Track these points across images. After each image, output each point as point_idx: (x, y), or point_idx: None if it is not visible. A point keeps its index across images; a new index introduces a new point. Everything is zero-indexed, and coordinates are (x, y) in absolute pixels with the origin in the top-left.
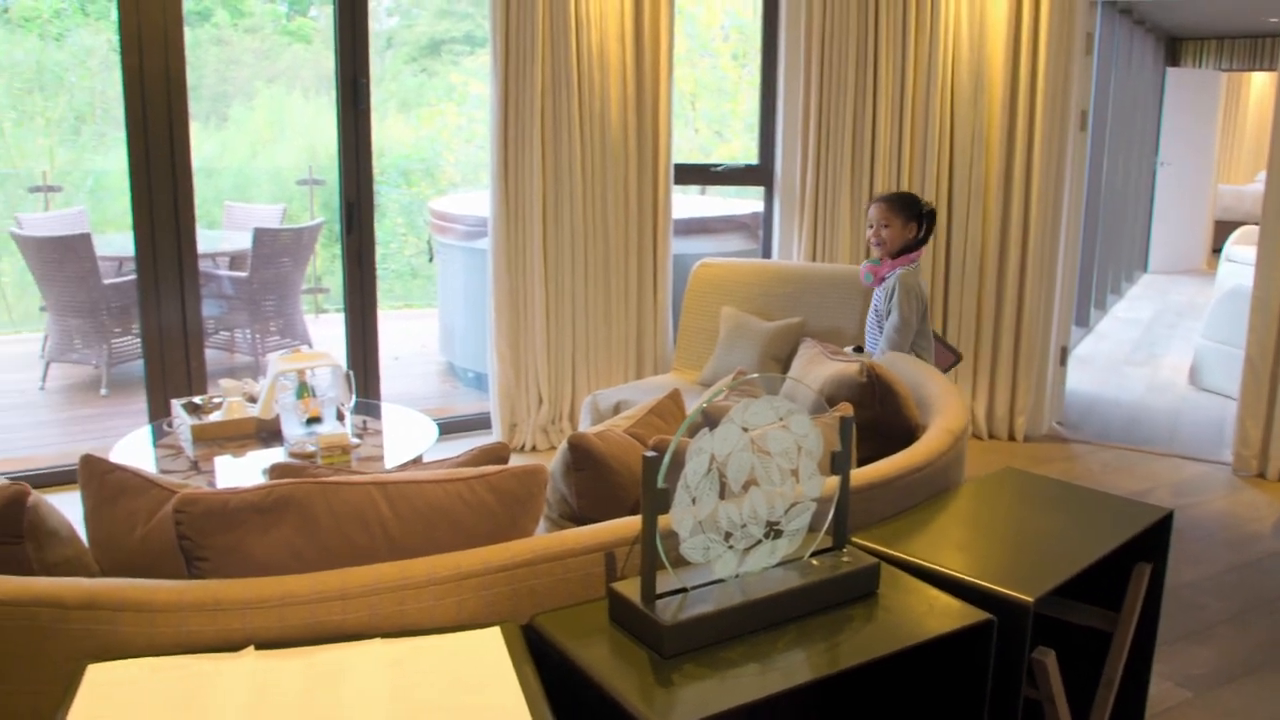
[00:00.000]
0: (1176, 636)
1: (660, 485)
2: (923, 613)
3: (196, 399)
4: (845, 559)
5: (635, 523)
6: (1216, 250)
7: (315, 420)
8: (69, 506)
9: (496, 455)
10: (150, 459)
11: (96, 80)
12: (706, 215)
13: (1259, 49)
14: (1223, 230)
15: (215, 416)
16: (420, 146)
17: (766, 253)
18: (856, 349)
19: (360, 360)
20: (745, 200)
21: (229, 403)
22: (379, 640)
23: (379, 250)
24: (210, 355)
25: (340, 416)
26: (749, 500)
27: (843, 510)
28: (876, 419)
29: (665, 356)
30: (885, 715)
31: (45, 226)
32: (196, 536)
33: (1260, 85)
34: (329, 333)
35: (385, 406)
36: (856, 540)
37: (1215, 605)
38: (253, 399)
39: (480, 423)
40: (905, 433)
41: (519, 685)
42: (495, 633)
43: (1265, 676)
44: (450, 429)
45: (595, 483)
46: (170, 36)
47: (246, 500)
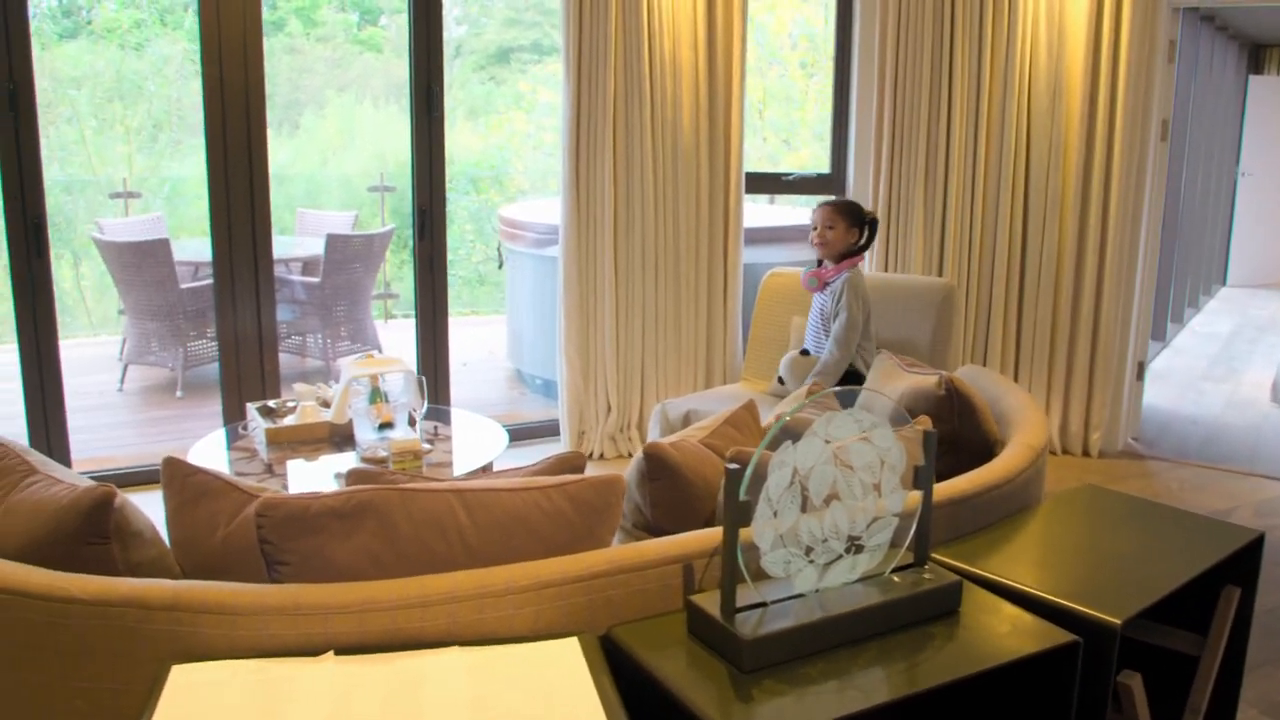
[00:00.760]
0: (1262, 661)
1: (743, 498)
2: (1006, 633)
3: (271, 403)
4: (927, 576)
5: (713, 534)
6: None
7: (387, 425)
8: (147, 507)
9: (572, 464)
10: (225, 461)
11: (173, 89)
12: (776, 224)
13: None
14: None
15: (289, 420)
16: (489, 154)
17: None
18: (803, 352)
19: (431, 366)
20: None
21: (302, 407)
22: (457, 648)
23: (447, 257)
24: (282, 359)
25: (412, 422)
26: (830, 514)
27: (925, 526)
28: (954, 433)
29: (734, 366)
30: None
31: (125, 232)
32: (278, 540)
33: None
34: (398, 338)
35: (455, 412)
36: (936, 556)
37: None
38: (326, 403)
39: (548, 430)
40: (983, 447)
41: (597, 696)
42: (573, 643)
43: None
44: (518, 436)
45: (670, 493)
46: (249, 46)
47: (327, 506)
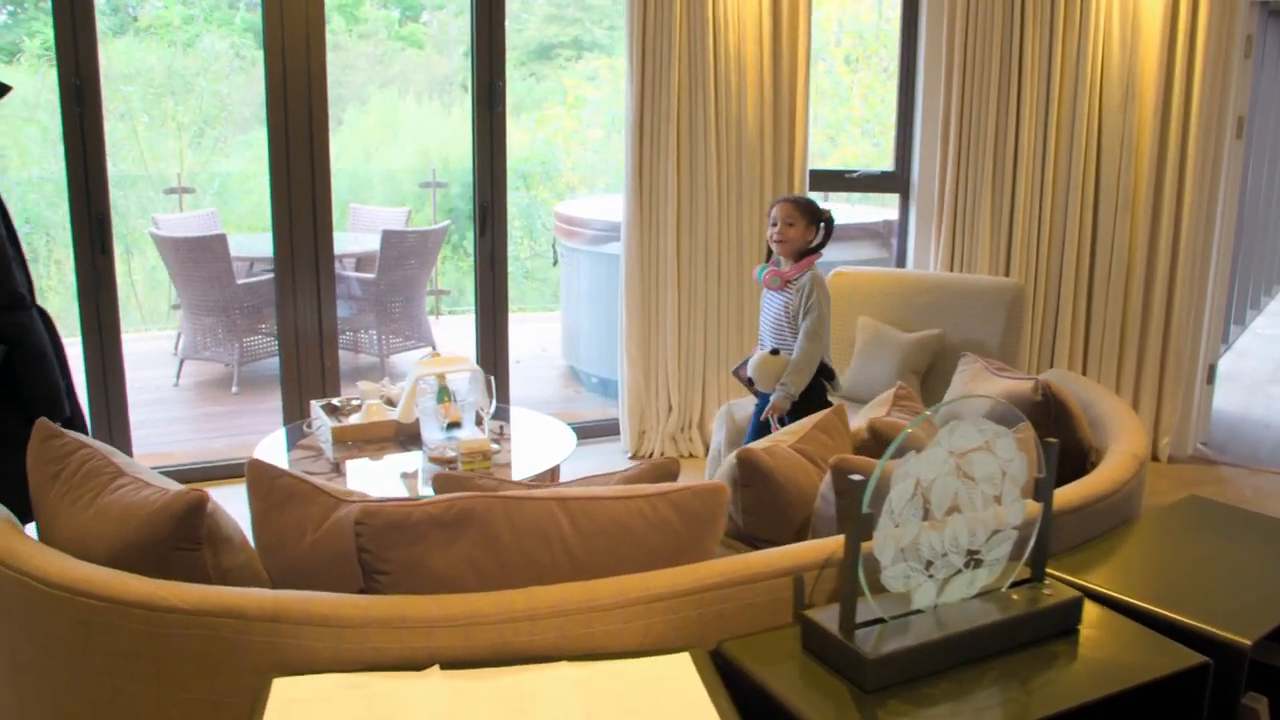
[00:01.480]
0: None
1: (865, 510)
2: (1130, 653)
3: (335, 401)
4: (1046, 592)
5: (822, 546)
6: None
7: (455, 425)
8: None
9: (667, 471)
10: (286, 460)
11: (222, 85)
12: (840, 223)
13: None
14: None
15: (354, 419)
16: (537, 150)
17: (900, 261)
18: (773, 351)
19: (490, 364)
20: (876, 207)
21: (368, 405)
22: (566, 663)
23: None
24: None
25: (479, 422)
26: (950, 527)
27: (1044, 540)
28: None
29: None
30: None
31: (182, 227)
32: (377, 549)
33: None
34: (449, 334)
35: (519, 411)
36: (1049, 571)
37: None
38: (391, 402)
39: (607, 429)
40: (1078, 456)
41: (717, 716)
42: (685, 658)
43: None
44: (576, 434)
45: (763, 499)
46: (312, 40)
47: (428, 513)
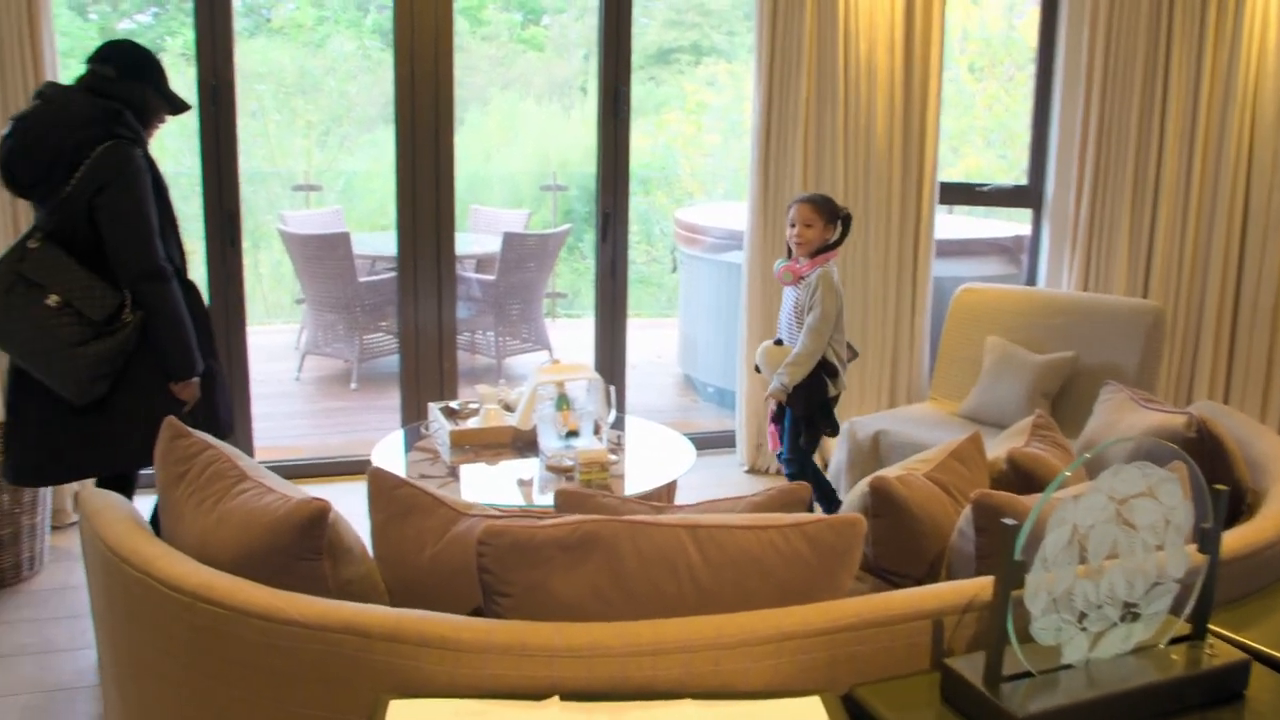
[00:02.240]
0: None
1: (1018, 557)
2: None
3: (453, 404)
4: (1208, 651)
5: (964, 588)
6: None
7: (573, 434)
8: (330, 500)
9: (798, 498)
10: (408, 462)
11: (349, 85)
12: (966, 237)
13: None
14: None
15: (472, 423)
16: (657, 155)
17: (1031, 279)
18: (777, 342)
19: (607, 370)
20: (1004, 221)
21: (486, 410)
22: (690, 701)
23: None
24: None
25: (597, 431)
26: (1108, 577)
27: (1208, 595)
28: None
29: (920, 384)
30: None
31: (308, 224)
32: (500, 571)
33: None
34: (565, 337)
35: (636, 421)
36: (1210, 627)
37: None
38: (509, 407)
39: (722, 440)
40: (1234, 498)
41: None
42: (815, 702)
43: None
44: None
45: (895, 531)
46: (440, 45)
47: (552, 536)
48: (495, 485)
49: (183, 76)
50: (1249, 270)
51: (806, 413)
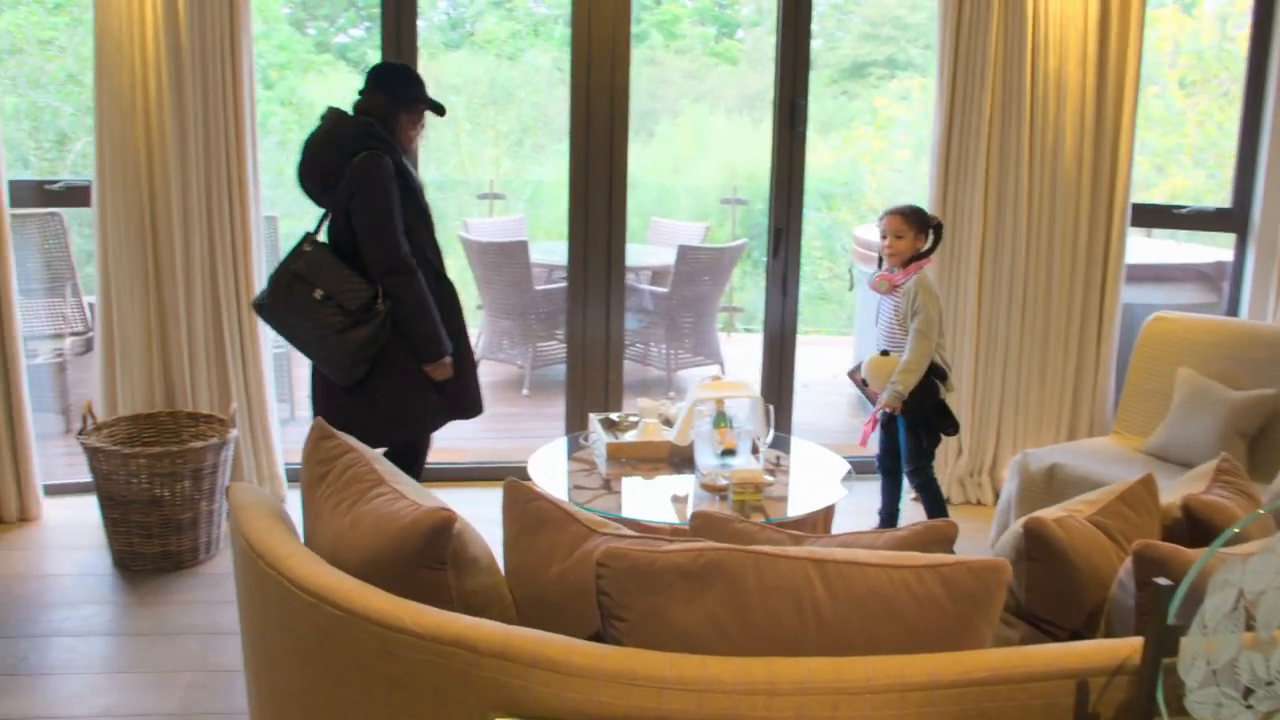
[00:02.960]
0: None
1: (1171, 621)
2: None
3: (613, 415)
4: None
5: (1115, 648)
6: None
7: (729, 452)
8: (491, 504)
9: (943, 535)
10: (564, 472)
11: (541, 96)
12: (1160, 262)
13: None
14: None
15: (630, 436)
16: (841, 170)
17: (1233, 309)
18: (883, 352)
19: (774, 388)
20: (1205, 246)
21: (644, 423)
22: None
23: None
24: (624, 366)
25: (755, 450)
26: None
27: None
28: None
29: (1103, 417)
30: None
31: (489, 232)
32: (617, 595)
33: None
34: (739, 352)
35: (798, 443)
36: None
37: None
38: (668, 421)
39: None
40: None
41: None
42: None
43: None
44: (860, 469)
45: (1050, 576)
46: (617, 55)
47: (673, 562)
48: (649, 501)
49: None
50: None
51: (923, 416)
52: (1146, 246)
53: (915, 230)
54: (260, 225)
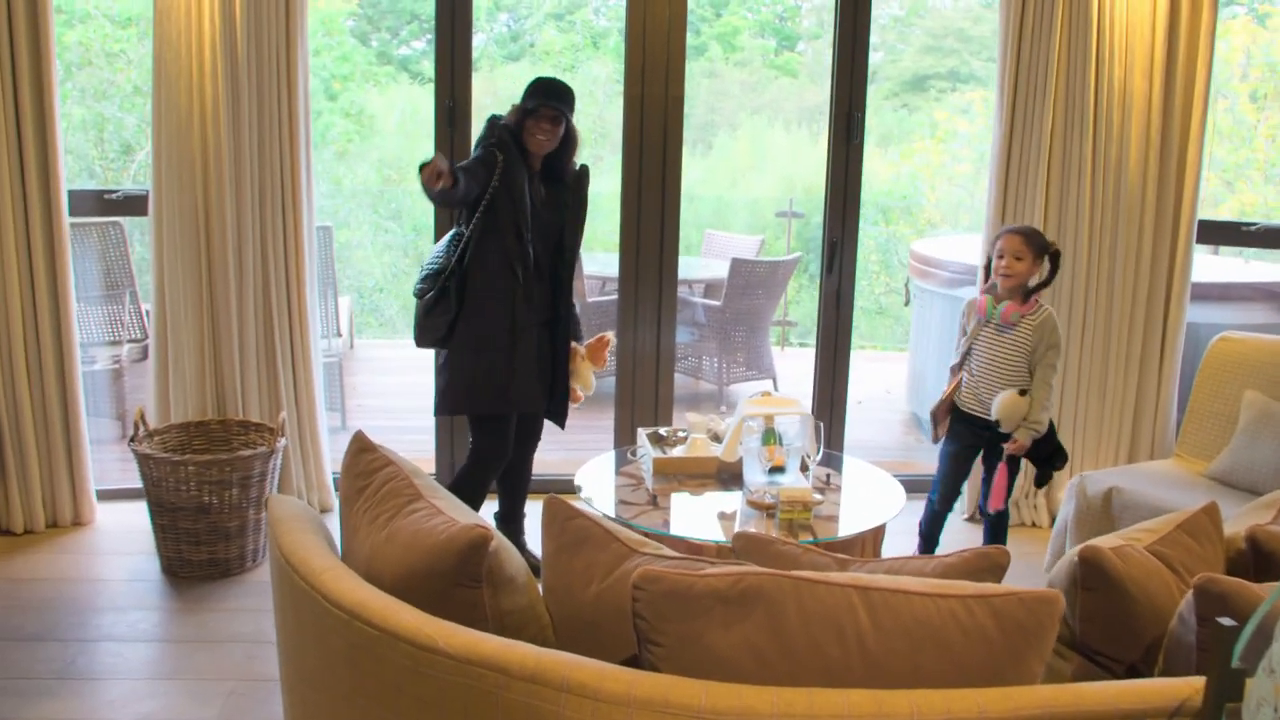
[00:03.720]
0: None
1: (1235, 664)
2: None
3: (662, 430)
4: None
5: (1174, 688)
6: None
7: (778, 469)
8: (539, 518)
9: (994, 563)
10: (611, 486)
11: (598, 108)
12: (1228, 281)
13: None
14: None
15: (678, 451)
16: (900, 183)
17: None
18: (1022, 391)
19: (827, 405)
20: (1276, 265)
21: (693, 439)
22: None
23: None
24: (676, 380)
25: (804, 468)
26: None
27: None
28: None
29: (1165, 440)
30: None
31: None
32: (654, 619)
33: None
34: (792, 366)
35: (849, 461)
36: None
37: None
38: (716, 436)
39: None
40: None
41: None
42: None
43: None
44: (911, 488)
45: (1106, 607)
46: (671, 68)
47: (712, 587)
48: (696, 517)
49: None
50: None
51: (1048, 452)
52: (1212, 264)
53: (1035, 253)
54: (314, 235)
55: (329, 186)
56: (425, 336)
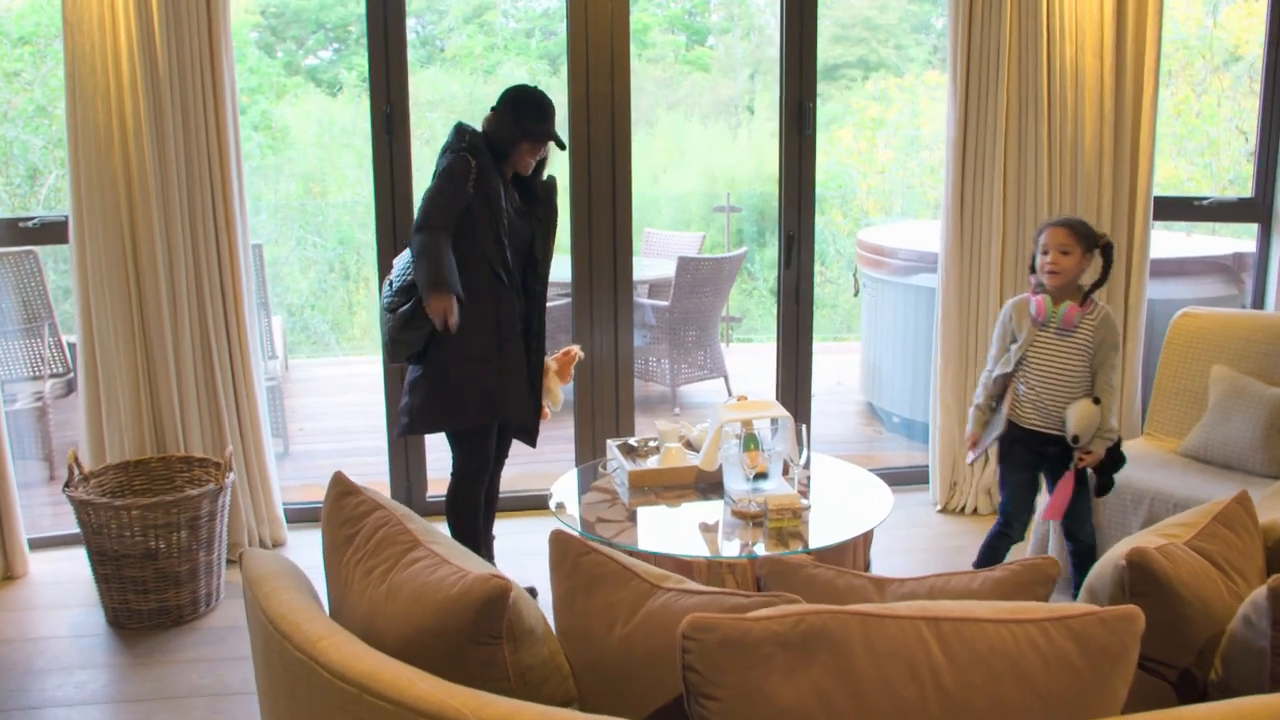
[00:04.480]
0: None
1: None
2: None
3: (632, 440)
4: None
5: (1274, 703)
6: None
7: (761, 476)
8: (504, 536)
9: (1044, 574)
10: (578, 504)
11: None
12: (1180, 255)
13: None
14: None
15: (652, 462)
16: (830, 173)
17: (1258, 301)
18: (1095, 400)
19: (791, 402)
20: (1220, 238)
21: (666, 448)
22: None
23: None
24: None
25: (786, 472)
26: None
27: None
28: None
29: (1132, 419)
30: None
31: None
32: (708, 672)
33: None
34: (739, 363)
35: (821, 459)
36: None
37: None
38: (691, 445)
39: (912, 477)
40: None
41: None
42: None
43: None
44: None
45: (1157, 612)
46: (616, 64)
47: (771, 631)
48: (677, 531)
49: (358, 107)
50: None
51: (1115, 459)
52: (1161, 240)
53: (1083, 247)
54: (249, 253)
55: (251, 203)
56: (400, 351)
